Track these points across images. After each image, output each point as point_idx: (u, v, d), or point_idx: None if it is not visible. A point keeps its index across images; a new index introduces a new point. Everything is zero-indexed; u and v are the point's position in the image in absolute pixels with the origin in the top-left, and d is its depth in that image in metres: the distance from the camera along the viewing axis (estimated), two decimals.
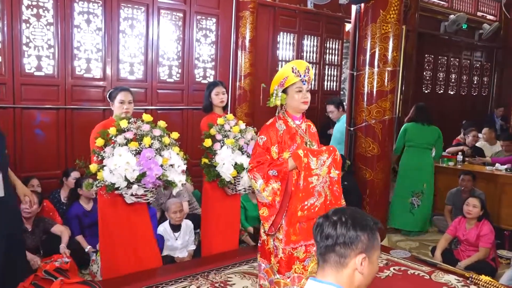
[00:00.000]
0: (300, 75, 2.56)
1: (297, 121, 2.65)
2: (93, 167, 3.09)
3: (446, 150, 6.41)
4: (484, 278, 3.41)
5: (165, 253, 4.04)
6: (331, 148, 2.63)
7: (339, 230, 1.40)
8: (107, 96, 3.48)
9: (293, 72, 2.54)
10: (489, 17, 10.49)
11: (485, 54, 10.82)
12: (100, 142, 3.12)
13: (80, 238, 4.03)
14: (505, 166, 5.61)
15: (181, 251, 4.16)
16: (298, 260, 2.57)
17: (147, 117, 3.29)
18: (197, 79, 5.85)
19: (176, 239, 4.15)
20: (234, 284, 3.31)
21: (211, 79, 5.87)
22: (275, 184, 2.49)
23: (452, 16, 9.18)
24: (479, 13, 10.29)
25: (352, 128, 4.54)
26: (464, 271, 3.63)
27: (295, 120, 2.64)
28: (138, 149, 3.07)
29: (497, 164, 5.76)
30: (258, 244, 2.77)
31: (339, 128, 5.22)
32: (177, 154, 3.28)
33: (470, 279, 3.45)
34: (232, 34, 5.88)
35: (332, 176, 2.62)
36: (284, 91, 2.60)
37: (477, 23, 10.13)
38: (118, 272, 3.32)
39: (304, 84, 2.58)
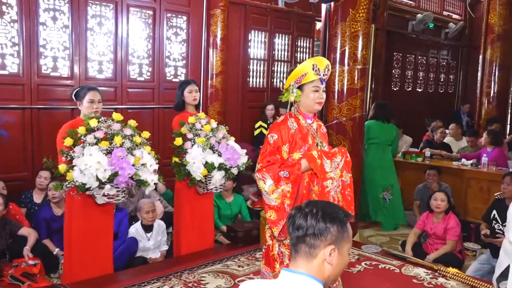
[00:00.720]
0: (320, 74, 2.41)
1: (309, 120, 2.52)
2: (62, 167, 3.02)
3: (423, 150, 6.55)
4: (451, 270, 3.52)
5: (137, 254, 3.99)
6: (343, 150, 2.51)
7: (309, 222, 1.42)
8: (73, 95, 3.38)
9: (313, 69, 2.39)
10: (454, 16, 10.79)
11: (451, 52, 11.12)
12: (68, 141, 3.06)
13: (47, 242, 3.92)
14: (471, 161, 5.78)
15: (153, 252, 4.11)
16: None
17: (117, 116, 3.25)
18: (168, 78, 5.79)
19: (148, 239, 4.10)
20: (207, 283, 3.30)
21: (182, 78, 5.82)
22: (286, 186, 2.34)
23: (419, 15, 9.40)
24: (445, 13, 10.57)
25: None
26: (432, 264, 3.73)
27: (307, 119, 2.51)
28: (109, 149, 3.03)
29: (463, 159, 5.93)
30: (263, 250, 2.63)
31: None
32: (149, 153, 3.25)
33: (438, 271, 3.55)
34: (203, 32, 5.85)
35: (345, 179, 2.49)
36: (300, 87, 2.45)
37: (443, 22, 10.40)
38: (79, 275, 3.26)
39: (322, 83, 2.44)
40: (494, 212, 4.02)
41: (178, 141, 3.62)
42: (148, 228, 4.11)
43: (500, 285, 2.30)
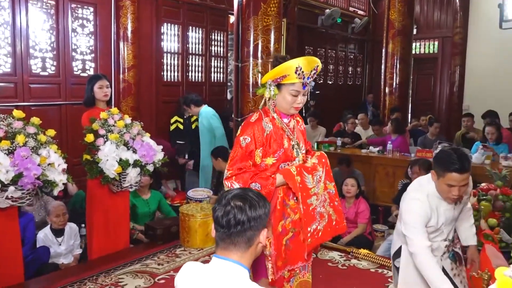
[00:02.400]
0: (303, 77, 2.14)
1: (285, 119, 2.28)
2: None
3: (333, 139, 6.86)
4: (362, 251, 3.75)
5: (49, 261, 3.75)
6: (323, 160, 2.32)
7: (249, 213, 1.47)
8: None
9: (296, 72, 2.11)
10: (359, 12, 11.40)
11: (357, 46, 11.75)
12: None
13: None
14: (377, 149, 6.19)
15: (65, 257, 3.89)
16: (285, 281, 2.32)
17: (18, 113, 3.06)
18: (75, 72, 5.46)
19: (60, 244, 3.86)
20: (126, 284, 3.20)
21: (91, 72, 5.53)
22: None
23: (327, 11, 9.80)
24: (351, 8, 11.13)
25: (239, 119, 4.63)
26: (345, 247, 3.95)
27: (283, 118, 2.27)
28: (10, 148, 2.85)
29: (370, 147, 6.33)
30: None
31: (201, 121, 5.44)
32: (55, 152, 3.07)
33: (351, 253, 3.77)
34: (112, 25, 5.60)
35: (330, 191, 2.31)
36: (278, 86, 2.19)
37: (349, 17, 10.95)
38: None
39: (304, 88, 2.17)
40: None
41: (89, 137, 3.45)
42: (58, 232, 3.87)
43: (395, 263, 2.50)
